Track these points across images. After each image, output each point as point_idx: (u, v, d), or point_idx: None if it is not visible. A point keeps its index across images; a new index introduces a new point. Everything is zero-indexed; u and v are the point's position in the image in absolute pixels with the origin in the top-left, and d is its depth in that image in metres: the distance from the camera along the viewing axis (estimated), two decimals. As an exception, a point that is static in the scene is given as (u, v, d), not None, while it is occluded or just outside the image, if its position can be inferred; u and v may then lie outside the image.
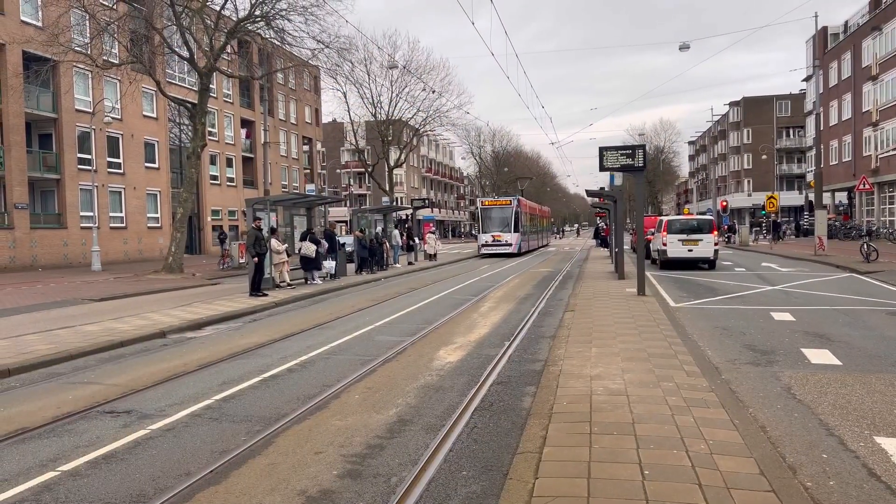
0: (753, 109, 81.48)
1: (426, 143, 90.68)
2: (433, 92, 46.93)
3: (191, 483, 4.77)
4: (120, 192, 37.27)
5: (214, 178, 46.55)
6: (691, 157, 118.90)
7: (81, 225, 33.97)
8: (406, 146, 54.19)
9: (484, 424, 6.03)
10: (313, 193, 44.17)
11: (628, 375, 7.08)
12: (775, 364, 8.20)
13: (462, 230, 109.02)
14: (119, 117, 35.96)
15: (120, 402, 7.13)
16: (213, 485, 4.77)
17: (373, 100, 49.00)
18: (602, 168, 15.29)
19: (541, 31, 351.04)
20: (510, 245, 37.77)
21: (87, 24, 26.54)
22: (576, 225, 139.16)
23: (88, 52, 25.69)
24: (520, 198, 40.99)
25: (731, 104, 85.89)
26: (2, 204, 31.36)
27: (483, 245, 38.72)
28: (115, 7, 27.01)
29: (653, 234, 27.24)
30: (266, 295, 16.99)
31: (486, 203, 40.32)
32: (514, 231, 37.97)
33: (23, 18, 31.06)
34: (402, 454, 5.32)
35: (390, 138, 50.78)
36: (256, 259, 17.14)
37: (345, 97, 48.30)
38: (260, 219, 18.11)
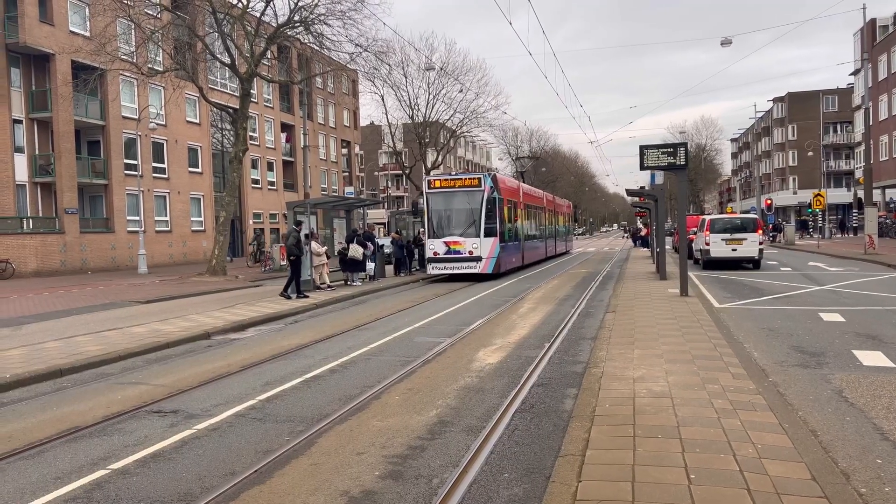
0: (798, 105, 79.47)
1: (463, 145, 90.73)
2: (469, 90, 46.83)
3: (236, 482, 4.84)
4: (165, 197, 38.14)
5: (256, 181, 47.30)
6: (734, 155, 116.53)
7: (128, 229, 34.87)
8: (443, 148, 54.27)
9: (525, 426, 5.99)
10: (352, 196, 44.58)
11: (672, 377, 6.96)
12: (825, 366, 7.97)
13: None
14: (163, 123, 36.79)
15: (167, 402, 7.28)
16: (258, 484, 4.83)
17: (410, 102, 49.19)
18: (643, 167, 15.15)
19: (578, 29, 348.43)
20: (477, 259, 22.19)
21: (133, 34, 27.24)
22: (614, 225, 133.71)
23: (134, 61, 26.38)
24: (499, 176, 25.52)
25: (775, 100, 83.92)
26: (53, 209, 32.38)
27: (431, 259, 22.85)
28: (159, 16, 27.67)
29: (695, 233, 26.78)
30: (307, 297, 17.19)
31: (438, 184, 23.27)
32: (487, 234, 22.33)
33: (71, 29, 32.02)
34: (443, 455, 5.31)
35: (427, 140, 50.90)
36: (293, 259, 17.34)
37: (382, 100, 48.46)
38: (301, 222, 18.46)
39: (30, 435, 6.24)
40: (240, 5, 26.20)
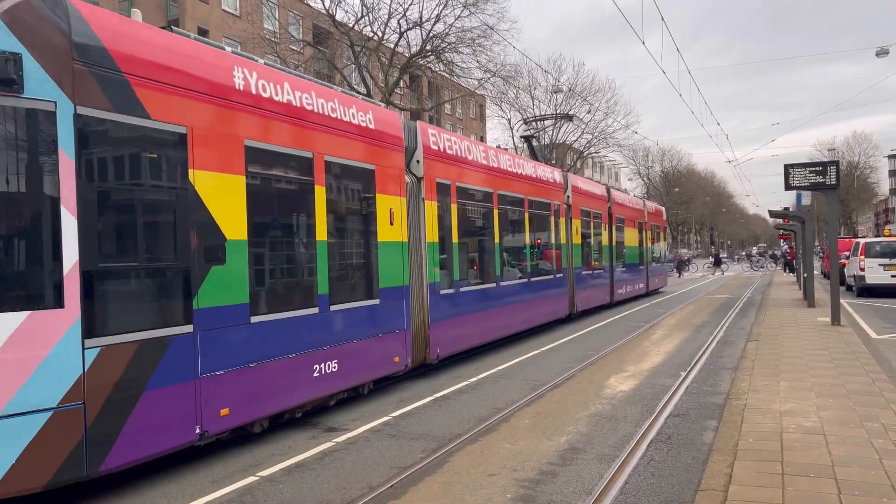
0: (970, 116, 71.75)
1: (590, 165, 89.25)
2: (598, 110, 46.13)
3: (373, 496, 5.02)
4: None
5: (387, 205, 48.90)
6: (892, 173, 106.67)
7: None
8: (569, 169, 53.79)
9: (661, 458, 5.78)
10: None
11: (824, 413, 6.47)
12: None
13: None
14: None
15: (308, 416, 7.67)
16: (393, 499, 4.98)
17: (536, 125, 49.18)
18: (788, 187, 14.33)
19: (714, 46, 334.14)
20: None
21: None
22: (752, 249, 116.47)
23: (279, 94, 28.34)
24: (123, 20, 5.33)
25: (942, 111, 76.26)
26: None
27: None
28: (301, 51, 29.57)
29: (847, 257, 24.86)
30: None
31: None
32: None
33: (225, 67, 34.92)
34: (575, 482, 5.23)
35: (554, 162, 50.66)
36: None
37: (509, 123, 48.85)
38: None
39: (189, 440, 6.77)
40: (375, 38, 27.49)
